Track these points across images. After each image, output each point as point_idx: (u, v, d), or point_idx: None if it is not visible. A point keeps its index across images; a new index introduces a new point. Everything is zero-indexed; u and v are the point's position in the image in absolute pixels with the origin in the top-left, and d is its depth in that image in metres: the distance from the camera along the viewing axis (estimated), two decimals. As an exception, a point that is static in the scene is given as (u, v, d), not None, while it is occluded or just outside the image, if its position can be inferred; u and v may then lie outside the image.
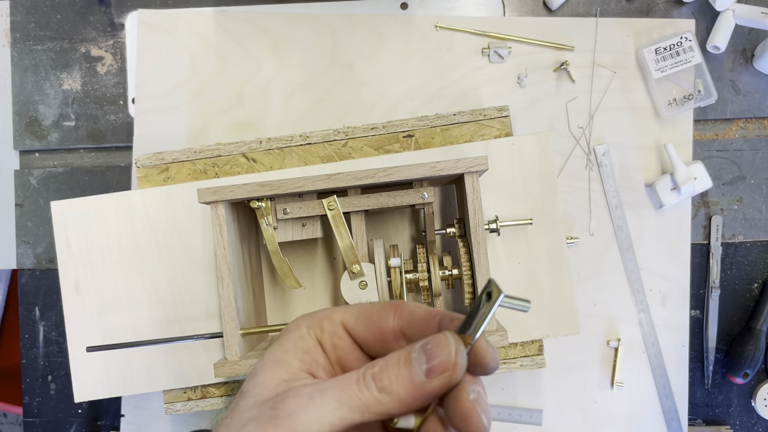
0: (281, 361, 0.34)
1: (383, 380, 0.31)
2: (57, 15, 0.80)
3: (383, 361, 0.31)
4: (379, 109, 0.77)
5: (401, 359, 0.31)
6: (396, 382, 0.30)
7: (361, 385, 0.31)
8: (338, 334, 0.35)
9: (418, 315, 0.34)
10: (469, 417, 0.30)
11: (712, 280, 0.77)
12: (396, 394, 0.30)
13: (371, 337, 0.35)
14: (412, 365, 0.31)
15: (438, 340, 0.31)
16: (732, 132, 0.79)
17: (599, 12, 0.78)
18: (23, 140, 0.79)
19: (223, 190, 0.55)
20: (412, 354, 0.31)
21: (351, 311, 0.36)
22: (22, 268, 0.79)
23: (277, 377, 0.33)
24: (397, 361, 0.31)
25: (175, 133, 0.76)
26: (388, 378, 0.31)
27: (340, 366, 0.36)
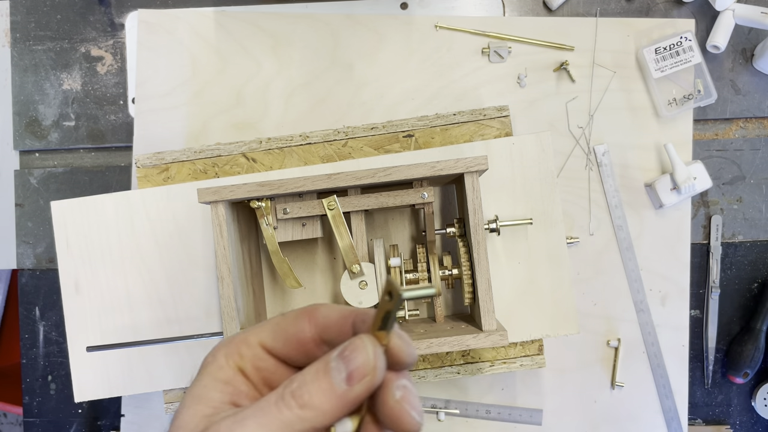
0: (201, 397, 0.33)
1: (303, 396, 0.29)
2: (57, 15, 0.80)
3: (301, 376, 0.30)
4: (379, 108, 0.77)
5: (319, 371, 0.30)
6: (317, 395, 0.29)
7: (281, 405, 0.29)
8: (259, 356, 0.34)
9: (332, 320, 0.33)
10: (399, 417, 0.30)
11: (711, 279, 0.77)
12: (319, 407, 0.29)
13: (293, 351, 0.34)
14: (330, 375, 0.30)
15: (354, 345, 0.30)
16: (732, 132, 0.79)
17: (599, 12, 0.78)
18: (23, 140, 0.79)
19: (223, 189, 0.55)
20: (331, 363, 0.30)
21: (266, 329, 0.34)
22: (22, 268, 0.79)
23: (198, 414, 0.32)
24: (315, 373, 0.30)
25: (175, 133, 0.77)
26: (308, 393, 0.29)
27: (268, 387, 0.34)
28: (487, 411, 0.74)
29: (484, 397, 0.75)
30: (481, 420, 0.75)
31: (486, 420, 0.75)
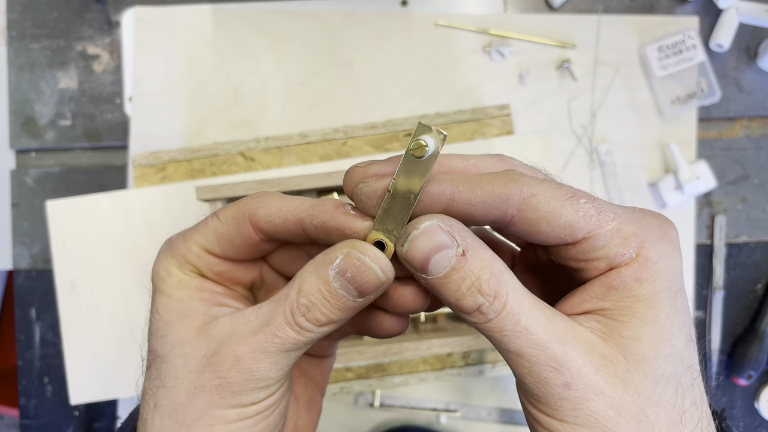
0: (183, 312, 0.30)
1: (318, 316, 0.28)
2: (53, 13, 0.79)
3: (305, 298, 0.28)
4: (378, 107, 0.76)
5: (329, 294, 0.28)
6: (332, 313, 0.28)
7: (296, 328, 0.28)
8: (210, 261, 0.32)
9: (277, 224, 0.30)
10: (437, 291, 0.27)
11: (715, 280, 0.76)
12: (338, 320, 0.28)
13: (241, 253, 0.32)
14: (341, 295, 0.27)
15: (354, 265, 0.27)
16: (736, 131, 0.78)
17: (602, 9, 0.77)
18: (19, 139, 0.78)
19: (221, 187, 0.55)
20: (334, 284, 0.27)
21: (207, 236, 0.31)
22: (18, 268, 0.78)
23: (191, 327, 0.30)
24: (321, 294, 0.28)
25: (172, 132, 0.76)
26: (321, 313, 0.28)
27: (235, 283, 0.33)
28: (488, 413, 0.74)
29: (485, 400, 0.74)
30: (482, 422, 0.74)
31: (487, 422, 0.74)
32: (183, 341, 0.30)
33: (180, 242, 0.32)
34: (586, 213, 0.26)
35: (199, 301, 0.31)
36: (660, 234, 0.27)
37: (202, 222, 0.32)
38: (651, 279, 0.26)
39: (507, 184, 0.26)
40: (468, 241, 0.26)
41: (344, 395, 0.73)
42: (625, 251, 0.26)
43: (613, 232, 0.26)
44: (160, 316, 0.31)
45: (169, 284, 0.31)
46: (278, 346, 0.28)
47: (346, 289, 0.27)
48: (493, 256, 0.27)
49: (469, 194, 0.27)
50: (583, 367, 0.25)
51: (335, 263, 0.27)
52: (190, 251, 0.31)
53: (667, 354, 0.26)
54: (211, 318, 0.30)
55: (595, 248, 0.27)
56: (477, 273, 0.26)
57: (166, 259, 0.32)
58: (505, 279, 0.26)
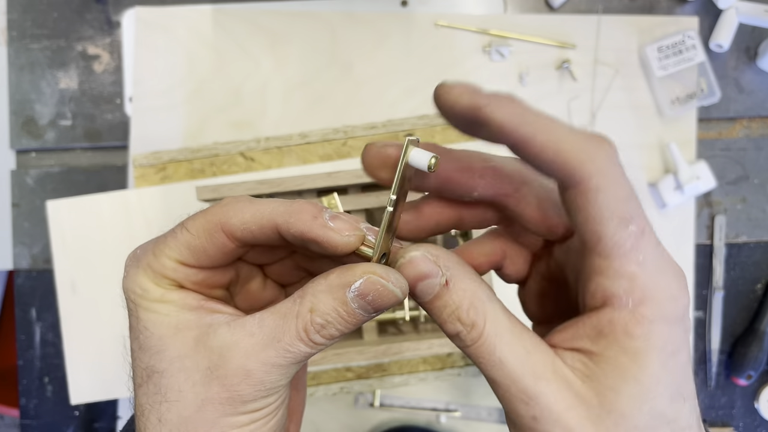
0: (176, 325, 0.30)
1: (332, 332, 0.28)
2: (54, 13, 0.79)
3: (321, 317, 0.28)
4: (378, 107, 0.76)
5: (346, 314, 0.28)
6: (346, 328, 0.28)
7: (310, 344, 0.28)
8: (187, 273, 0.31)
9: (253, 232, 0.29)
10: None
11: (715, 280, 0.77)
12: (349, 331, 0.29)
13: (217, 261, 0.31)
14: (358, 314, 0.28)
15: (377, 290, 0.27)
16: (736, 131, 0.78)
17: (602, 9, 0.77)
18: (20, 140, 0.78)
19: (222, 187, 0.55)
20: (352, 305, 0.28)
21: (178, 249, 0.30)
22: (19, 268, 0.78)
23: (188, 339, 0.29)
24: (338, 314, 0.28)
25: (172, 132, 0.76)
26: (336, 329, 0.28)
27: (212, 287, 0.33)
28: (488, 413, 0.74)
29: (485, 399, 0.74)
30: (482, 422, 0.74)
31: (487, 422, 0.74)
32: (182, 354, 0.29)
33: (150, 258, 0.31)
34: (621, 240, 0.25)
35: (188, 312, 0.30)
36: (672, 296, 0.26)
37: (170, 234, 0.31)
38: (642, 337, 0.26)
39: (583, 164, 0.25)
40: (451, 272, 0.27)
41: (344, 395, 0.73)
42: (625, 298, 0.26)
43: (626, 273, 0.25)
44: (151, 332, 0.30)
45: (151, 300, 0.31)
46: (290, 360, 0.28)
47: (365, 308, 0.28)
48: (477, 286, 0.27)
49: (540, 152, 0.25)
50: (555, 403, 0.26)
51: (354, 287, 0.27)
52: (164, 266, 0.30)
53: (645, 410, 0.26)
54: (206, 328, 0.30)
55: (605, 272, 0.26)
56: (457, 302, 0.27)
57: (137, 276, 0.31)
58: (485, 309, 0.27)
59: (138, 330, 0.31)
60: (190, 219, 0.30)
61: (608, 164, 0.25)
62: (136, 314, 0.31)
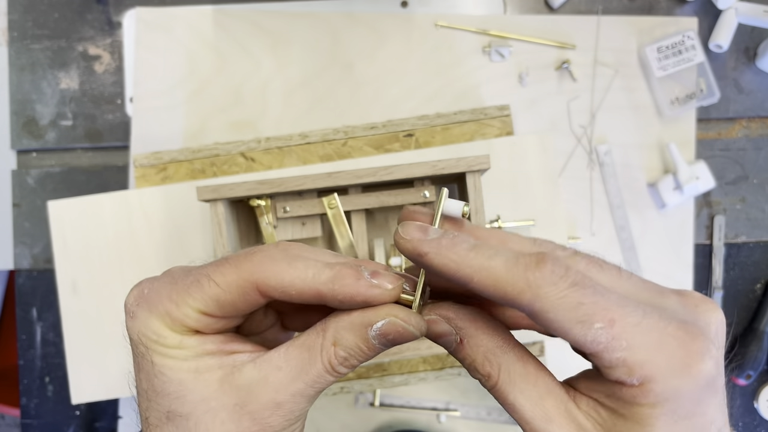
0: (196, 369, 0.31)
1: (354, 363, 0.31)
2: (54, 13, 0.79)
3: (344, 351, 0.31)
4: (378, 108, 0.76)
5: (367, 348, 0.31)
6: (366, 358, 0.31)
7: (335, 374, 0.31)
8: (209, 322, 0.31)
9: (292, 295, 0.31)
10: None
11: (714, 280, 0.77)
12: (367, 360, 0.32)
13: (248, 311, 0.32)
14: (378, 348, 0.31)
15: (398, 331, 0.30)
16: (735, 131, 0.78)
17: (601, 10, 0.77)
18: (20, 140, 0.78)
19: (222, 188, 0.55)
20: (373, 342, 0.31)
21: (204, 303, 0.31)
22: (20, 268, 0.78)
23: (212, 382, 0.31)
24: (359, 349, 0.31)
25: (173, 133, 0.76)
26: (357, 360, 0.31)
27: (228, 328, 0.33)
28: (488, 413, 0.74)
29: (484, 399, 0.74)
30: (481, 422, 0.74)
31: (487, 422, 0.74)
32: (207, 397, 0.30)
33: (168, 305, 0.31)
34: (594, 338, 0.26)
35: (208, 355, 0.31)
36: (680, 366, 0.26)
37: (193, 284, 0.31)
38: (650, 406, 0.26)
39: (520, 293, 0.27)
40: (465, 331, 0.31)
41: (344, 395, 0.73)
42: (629, 380, 0.27)
43: (619, 361, 0.26)
44: (168, 377, 0.31)
45: (167, 346, 0.31)
46: (317, 389, 0.31)
47: (384, 344, 0.31)
48: (490, 340, 0.30)
49: (482, 289, 0.28)
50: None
51: (376, 326, 0.30)
52: (186, 316, 0.31)
53: None
54: (230, 368, 0.31)
55: (603, 366, 0.27)
56: (472, 357, 0.30)
57: (151, 321, 0.31)
58: (499, 361, 0.30)
59: (153, 374, 0.31)
60: (217, 271, 0.31)
61: (546, 284, 0.26)
62: (150, 358, 0.31)
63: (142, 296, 0.32)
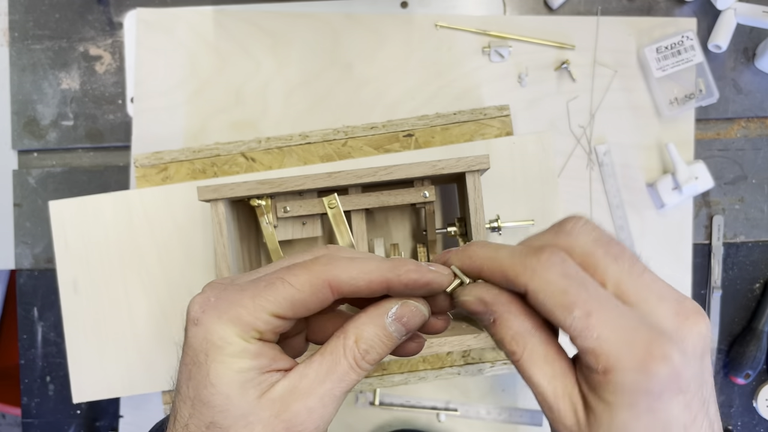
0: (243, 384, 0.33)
1: (374, 356, 0.35)
2: (55, 14, 0.79)
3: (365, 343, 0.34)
4: (378, 108, 0.77)
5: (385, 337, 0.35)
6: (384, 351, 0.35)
7: (358, 370, 0.34)
8: (276, 325, 0.34)
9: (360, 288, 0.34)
10: None
11: (713, 280, 0.77)
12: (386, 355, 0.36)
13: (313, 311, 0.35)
14: (394, 336, 0.35)
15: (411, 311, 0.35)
16: (734, 131, 0.78)
17: (600, 11, 0.78)
18: (21, 140, 0.79)
19: (223, 187, 0.55)
20: (389, 329, 0.35)
21: (278, 304, 0.33)
22: (21, 268, 0.78)
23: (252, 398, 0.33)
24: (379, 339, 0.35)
25: (173, 133, 0.76)
26: (377, 353, 0.35)
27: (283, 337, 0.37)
28: (487, 412, 0.74)
29: (484, 398, 0.75)
30: (481, 421, 0.74)
31: (486, 421, 0.74)
32: (246, 413, 0.32)
33: (242, 310, 0.33)
34: (572, 324, 0.31)
35: (256, 371, 0.33)
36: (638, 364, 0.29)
37: (267, 287, 0.33)
38: (612, 393, 0.30)
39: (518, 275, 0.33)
40: (498, 313, 0.34)
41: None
42: (594, 366, 0.30)
43: (589, 348, 0.30)
44: (217, 390, 0.32)
45: (229, 354, 0.33)
46: (344, 388, 0.34)
47: (398, 330, 0.35)
48: (519, 323, 0.34)
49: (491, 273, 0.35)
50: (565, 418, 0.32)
51: (391, 312, 0.35)
52: (259, 319, 0.33)
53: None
54: (268, 385, 0.33)
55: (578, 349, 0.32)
56: (501, 335, 0.34)
57: (222, 325, 0.33)
58: (524, 341, 0.34)
59: (203, 384, 0.33)
60: (290, 272, 0.34)
61: (542, 269, 0.31)
62: (206, 366, 0.33)
63: (209, 303, 0.34)
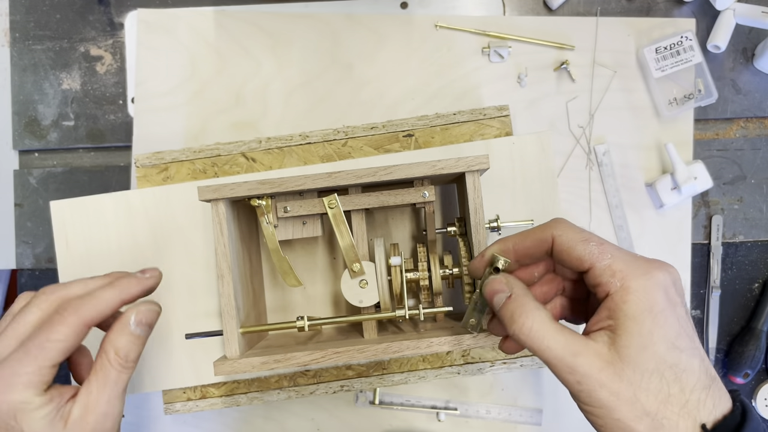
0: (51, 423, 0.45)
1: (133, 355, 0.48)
2: (56, 14, 0.79)
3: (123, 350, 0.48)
4: (378, 108, 0.77)
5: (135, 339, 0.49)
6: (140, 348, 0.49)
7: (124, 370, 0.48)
8: (55, 371, 0.48)
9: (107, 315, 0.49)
10: None
11: (712, 279, 0.77)
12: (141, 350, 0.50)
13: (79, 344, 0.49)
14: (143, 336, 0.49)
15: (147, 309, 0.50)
16: (732, 131, 0.79)
17: (599, 11, 0.78)
18: (22, 140, 0.79)
19: (223, 187, 0.55)
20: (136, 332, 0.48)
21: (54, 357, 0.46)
22: (22, 268, 0.79)
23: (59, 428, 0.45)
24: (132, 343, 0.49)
25: (174, 133, 0.76)
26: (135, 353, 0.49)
27: None
28: (487, 411, 0.74)
29: (484, 398, 0.75)
30: (481, 420, 0.74)
31: (486, 420, 0.74)
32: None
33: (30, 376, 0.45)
34: (590, 251, 0.41)
35: (55, 410, 0.46)
36: (644, 272, 0.40)
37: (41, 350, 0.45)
38: (632, 302, 0.39)
39: (545, 230, 0.44)
40: (515, 291, 0.43)
41: (344, 393, 0.74)
42: (613, 281, 0.40)
43: (606, 267, 0.40)
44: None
45: (33, 409, 0.46)
46: (122, 387, 0.48)
47: (143, 329, 0.50)
48: (530, 301, 0.42)
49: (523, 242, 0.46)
50: (590, 369, 0.38)
51: (132, 320, 0.49)
52: (45, 375, 0.46)
53: (649, 356, 0.38)
54: (67, 414, 0.46)
55: (596, 277, 0.41)
56: (513, 308, 0.42)
57: (18, 393, 0.45)
58: (533, 315, 0.41)
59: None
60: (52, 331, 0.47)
61: (563, 224, 0.44)
62: (20, 425, 0.44)
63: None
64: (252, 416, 0.74)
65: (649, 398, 0.37)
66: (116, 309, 0.47)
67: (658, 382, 0.37)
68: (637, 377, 0.37)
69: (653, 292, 0.38)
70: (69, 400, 0.45)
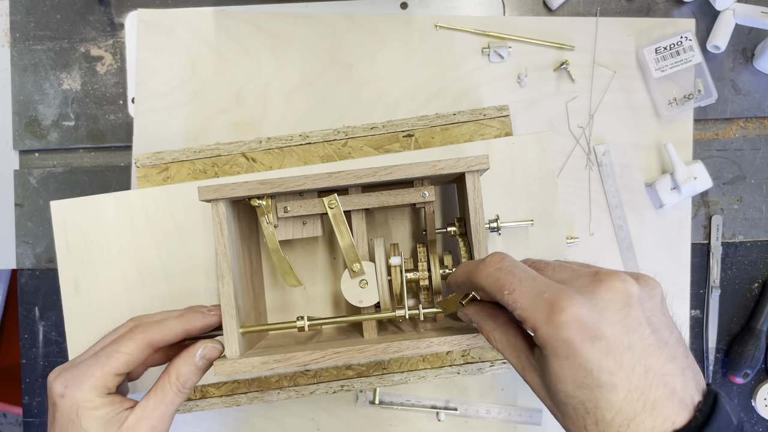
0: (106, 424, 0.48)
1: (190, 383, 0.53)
2: (57, 15, 0.80)
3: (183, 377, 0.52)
4: (378, 108, 0.77)
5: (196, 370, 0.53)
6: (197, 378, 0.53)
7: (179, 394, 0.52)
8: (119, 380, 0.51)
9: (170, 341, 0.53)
10: None
11: (712, 279, 0.77)
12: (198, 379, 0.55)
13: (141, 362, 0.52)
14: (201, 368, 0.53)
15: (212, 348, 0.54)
16: (732, 131, 0.79)
17: (599, 11, 0.78)
18: (23, 140, 0.79)
19: (223, 187, 0.55)
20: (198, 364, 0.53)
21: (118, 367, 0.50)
22: (22, 268, 0.79)
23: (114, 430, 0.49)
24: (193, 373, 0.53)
25: (174, 133, 0.76)
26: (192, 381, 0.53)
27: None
28: (487, 411, 0.74)
29: (484, 397, 0.75)
30: (481, 420, 0.74)
31: (486, 420, 0.74)
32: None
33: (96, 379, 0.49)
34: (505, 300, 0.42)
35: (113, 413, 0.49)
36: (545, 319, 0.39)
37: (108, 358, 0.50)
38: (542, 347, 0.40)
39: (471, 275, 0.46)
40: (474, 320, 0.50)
41: (345, 393, 0.74)
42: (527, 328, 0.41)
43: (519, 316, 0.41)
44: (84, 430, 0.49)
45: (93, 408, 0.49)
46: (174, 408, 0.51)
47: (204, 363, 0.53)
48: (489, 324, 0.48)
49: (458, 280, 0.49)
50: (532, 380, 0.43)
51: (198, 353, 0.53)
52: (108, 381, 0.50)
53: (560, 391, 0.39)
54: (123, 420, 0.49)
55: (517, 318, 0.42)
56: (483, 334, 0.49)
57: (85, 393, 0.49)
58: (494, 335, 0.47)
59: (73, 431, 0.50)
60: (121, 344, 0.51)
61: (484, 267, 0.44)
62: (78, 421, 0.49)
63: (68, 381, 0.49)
64: (252, 416, 0.75)
65: (572, 427, 0.40)
66: (180, 337, 0.53)
67: (573, 414, 0.39)
68: (559, 405, 0.40)
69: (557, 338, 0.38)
70: (127, 408, 0.49)
